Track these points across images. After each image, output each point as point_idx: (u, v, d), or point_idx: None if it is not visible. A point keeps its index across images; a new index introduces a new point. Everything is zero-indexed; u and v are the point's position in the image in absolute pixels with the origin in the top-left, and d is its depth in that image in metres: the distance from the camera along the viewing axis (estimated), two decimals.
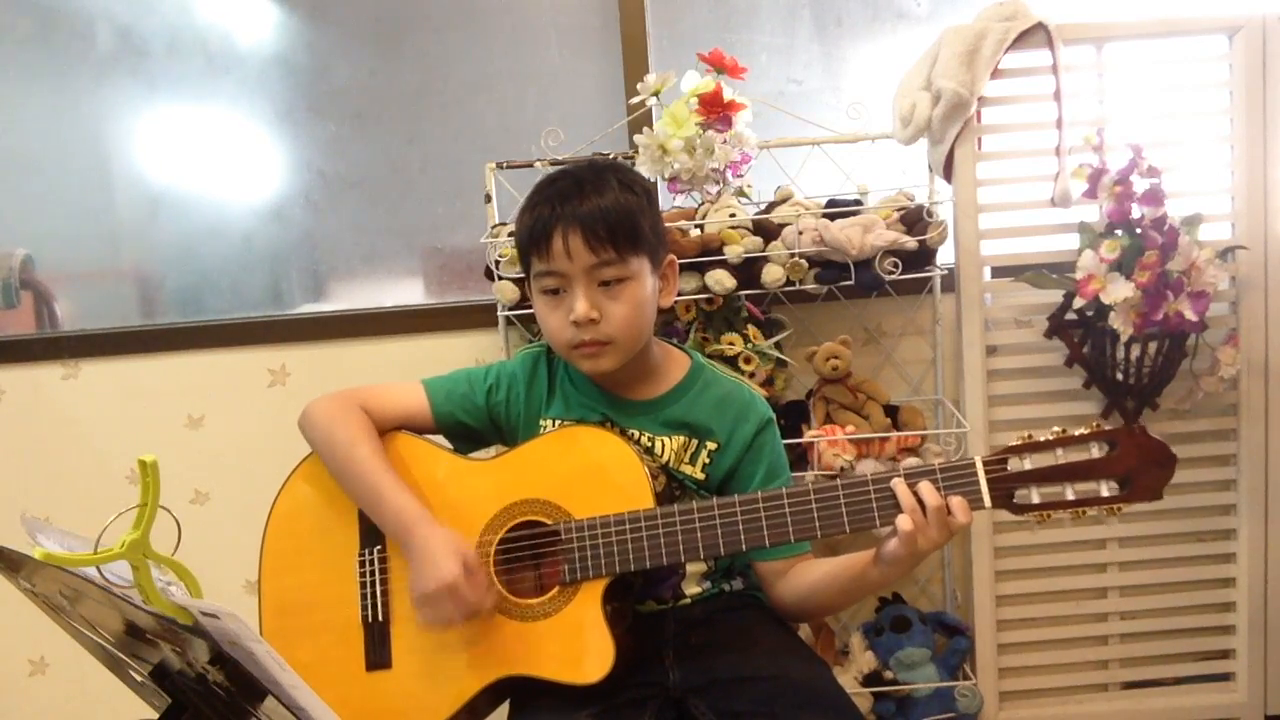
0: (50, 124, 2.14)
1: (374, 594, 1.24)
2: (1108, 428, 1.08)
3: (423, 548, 1.16)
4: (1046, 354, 1.87)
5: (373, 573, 1.24)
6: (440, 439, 1.33)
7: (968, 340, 1.87)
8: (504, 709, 1.25)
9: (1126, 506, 1.08)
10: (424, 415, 1.31)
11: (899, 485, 1.09)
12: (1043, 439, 1.09)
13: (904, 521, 1.08)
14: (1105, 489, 1.08)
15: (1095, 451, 1.08)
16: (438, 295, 2.18)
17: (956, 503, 1.08)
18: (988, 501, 1.09)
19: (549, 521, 1.19)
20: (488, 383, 1.32)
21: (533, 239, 1.20)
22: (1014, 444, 1.09)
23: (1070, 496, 1.08)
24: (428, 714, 1.19)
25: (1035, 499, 1.09)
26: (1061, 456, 1.08)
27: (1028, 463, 1.09)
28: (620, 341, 1.21)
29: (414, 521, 1.18)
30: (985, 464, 1.09)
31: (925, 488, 1.08)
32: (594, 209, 1.17)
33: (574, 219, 1.17)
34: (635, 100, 1.85)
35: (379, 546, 1.25)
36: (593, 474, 1.20)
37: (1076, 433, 1.08)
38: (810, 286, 1.78)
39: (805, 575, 1.25)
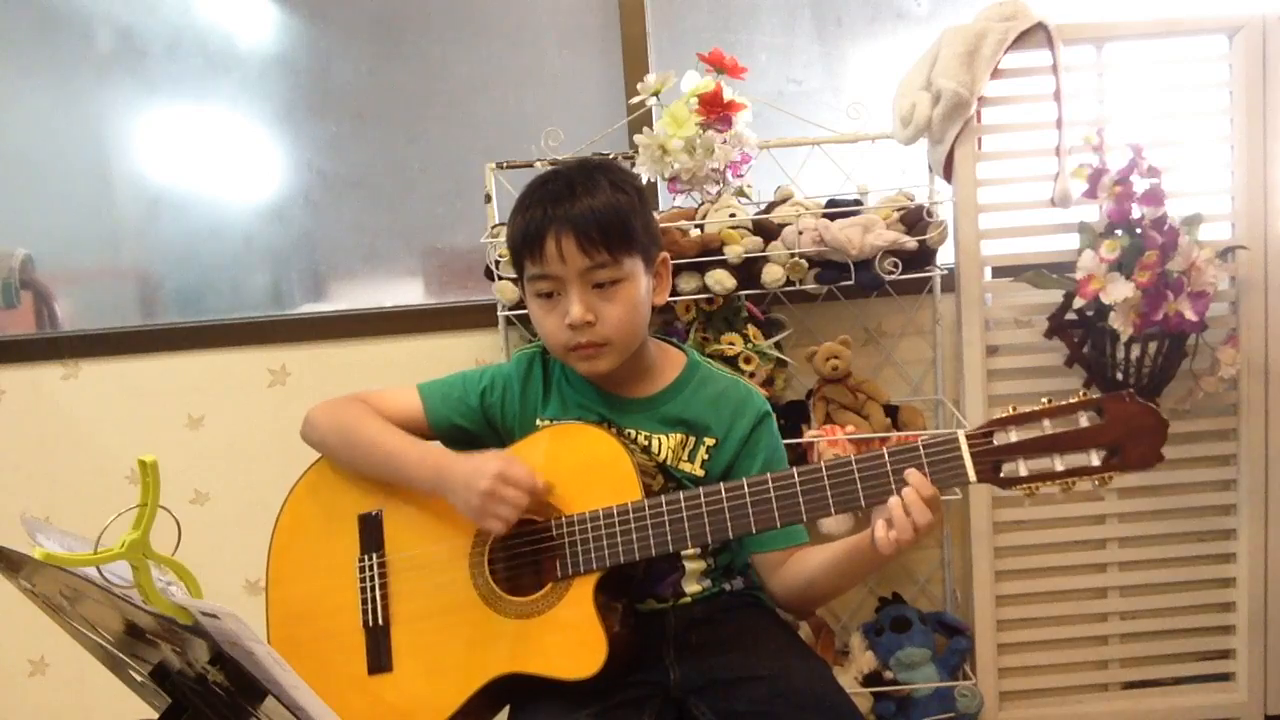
0: (50, 124, 2.14)
1: (374, 599, 1.24)
2: (1095, 396, 1.05)
3: (459, 468, 1.18)
4: (1046, 354, 1.87)
5: (372, 578, 1.25)
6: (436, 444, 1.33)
7: (968, 340, 1.87)
8: (505, 712, 1.25)
9: (1118, 476, 1.05)
10: (419, 419, 1.31)
11: (896, 509, 1.07)
12: (1029, 410, 1.06)
13: (882, 532, 1.07)
14: (1095, 458, 1.04)
15: (1084, 421, 1.05)
16: (438, 295, 2.18)
17: (932, 503, 1.07)
18: (972, 476, 1.06)
19: (540, 518, 1.19)
20: (482, 384, 1.32)
21: (525, 242, 1.20)
22: (999, 417, 1.07)
23: (1059, 468, 1.05)
24: (429, 714, 1.19)
25: (1023, 471, 1.06)
26: (1049, 427, 1.06)
27: (1014, 435, 1.06)
28: (617, 342, 1.21)
29: (445, 459, 1.21)
30: (969, 438, 1.07)
31: (911, 498, 1.06)
32: (586, 211, 1.17)
33: (566, 222, 1.17)
34: (635, 100, 1.85)
35: (378, 551, 1.25)
36: (582, 470, 1.20)
37: (1064, 402, 1.05)
38: (810, 286, 1.78)
39: (803, 562, 1.24)
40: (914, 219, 1.77)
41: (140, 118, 2.15)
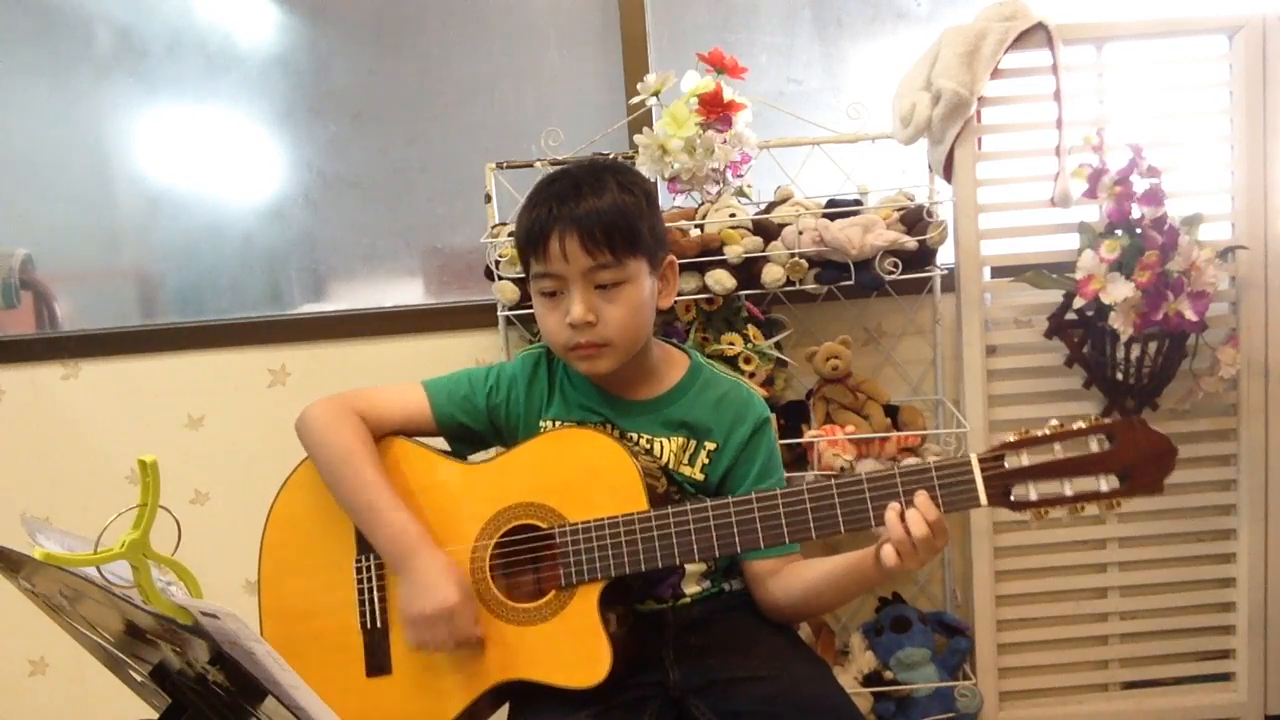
0: (50, 124, 2.14)
1: (372, 600, 1.24)
2: (1106, 421, 1.06)
3: (424, 569, 1.16)
4: (1046, 354, 1.87)
5: (370, 579, 1.24)
6: (435, 442, 1.33)
7: (968, 340, 1.87)
8: (504, 710, 1.25)
9: (1126, 501, 1.06)
10: (424, 417, 1.31)
11: (892, 516, 1.08)
12: (1040, 434, 1.07)
13: (889, 555, 1.08)
14: (1104, 484, 1.06)
15: (1094, 446, 1.06)
16: (438, 295, 2.18)
17: (936, 527, 1.08)
18: (984, 499, 1.07)
19: (544, 525, 1.19)
20: (488, 384, 1.32)
21: (530, 240, 1.20)
22: (1011, 440, 1.07)
23: (1069, 493, 1.06)
24: (430, 718, 1.19)
25: (1033, 496, 1.07)
26: (1059, 452, 1.06)
27: (1025, 458, 1.07)
28: (617, 344, 1.21)
29: (414, 545, 1.18)
30: (981, 461, 1.08)
31: (915, 520, 1.07)
32: (591, 211, 1.17)
33: (571, 221, 1.16)
34: (635, 100, 1.85)
35: (375, 553, 1.24)
36: (587, 477, 1.19)
37: (1074, 426, 1.06)
38: (810, 286, 1.78)
39: (803, 574, 1.24)
40: (914, 219, 1.77)
41: (140, 118, 2.15)
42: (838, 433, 1.76)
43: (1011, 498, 1.07)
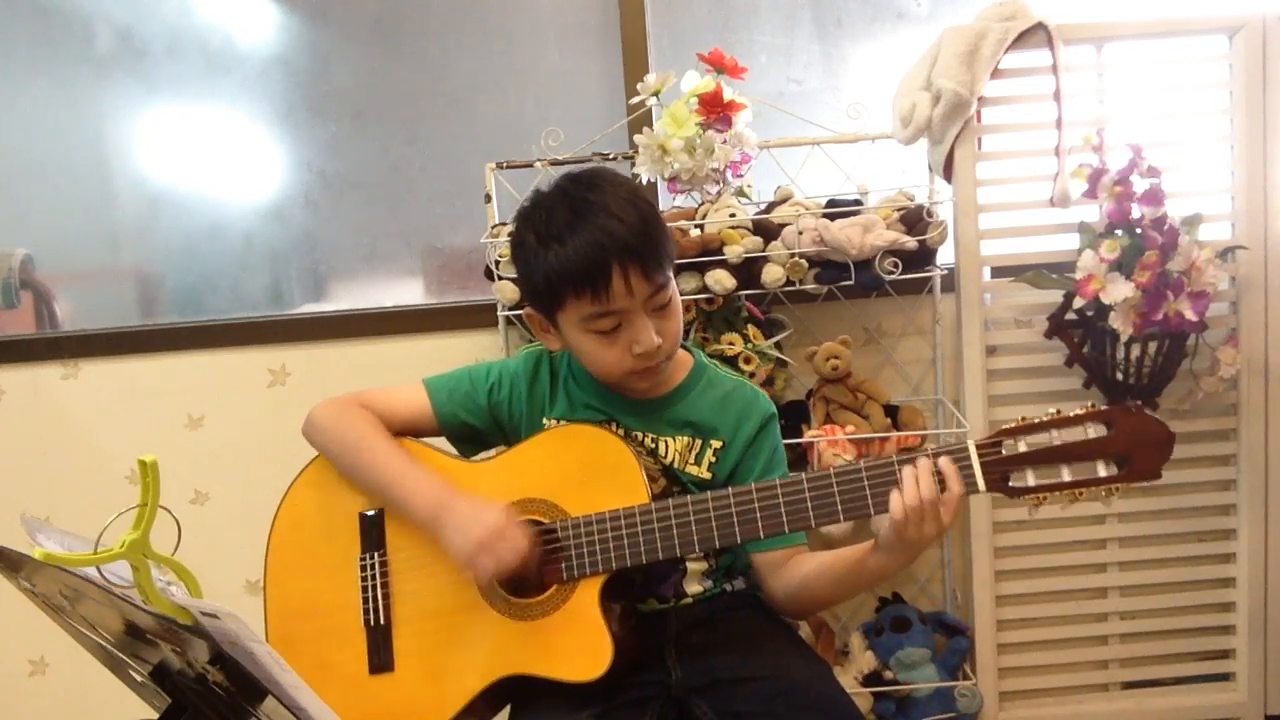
0: (50, 124, 2.14)
1: (375, 598, 1.24)
2: (1103, 408, 1.06)
3: (465, 509, 1.16)
4: (1046, 354, 1.87)
5: (374, 577, 1.25)
6: (438, 443, 1.33)
7: (968, 340, 1.87)
8: (506, 711, 1.25)
9: (1125, 487, 1.06)
10: (427, 416, 1.31)
11: (895, 497, 1.07)
12: (1038, 420, 1.07)
13: (895, 508, 1.07)
14: (1103, 469, 1.06)
15: (1091, 432, 1.06)
16: (438, 295, 2.18)
17: (951, 487, 1.07)
18: (981, 485, 1.07)
19: (545, 520, 1.19)
20: (489, 381, 1.32)
21: (586, 277, 1.13)
22: (1008, 426, 1.08)
23: (1067, 478, 1.06)
24: (430, 715, 1.19)
25: (1031, 481, 1.07)
26: (1057, 438, 1.07)
27: (1022, 445, 1.07)
28: (673, 352, 1.23)
29: (447, 496, 1.18)
30: (979, 447, 1.08)
31: (924, 480, 1.06)
32: (639, 234, 1.13)
33: (630, 254, 1.13)
34: (635, 100, 1.85)
35: (379, 551, 1.25)
36: (588, 472, 1.20)
37: (1072, 414, 1.06)
38: (810, 286, 1.78)
39: (802, 567, 1.24)
40: (914, 219, 1.77)
41: (140, 118, 2.15)
42: (838, 433, 1.76)
43: (1009, 483, 1.07)
